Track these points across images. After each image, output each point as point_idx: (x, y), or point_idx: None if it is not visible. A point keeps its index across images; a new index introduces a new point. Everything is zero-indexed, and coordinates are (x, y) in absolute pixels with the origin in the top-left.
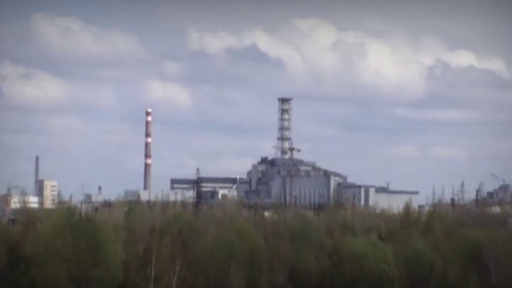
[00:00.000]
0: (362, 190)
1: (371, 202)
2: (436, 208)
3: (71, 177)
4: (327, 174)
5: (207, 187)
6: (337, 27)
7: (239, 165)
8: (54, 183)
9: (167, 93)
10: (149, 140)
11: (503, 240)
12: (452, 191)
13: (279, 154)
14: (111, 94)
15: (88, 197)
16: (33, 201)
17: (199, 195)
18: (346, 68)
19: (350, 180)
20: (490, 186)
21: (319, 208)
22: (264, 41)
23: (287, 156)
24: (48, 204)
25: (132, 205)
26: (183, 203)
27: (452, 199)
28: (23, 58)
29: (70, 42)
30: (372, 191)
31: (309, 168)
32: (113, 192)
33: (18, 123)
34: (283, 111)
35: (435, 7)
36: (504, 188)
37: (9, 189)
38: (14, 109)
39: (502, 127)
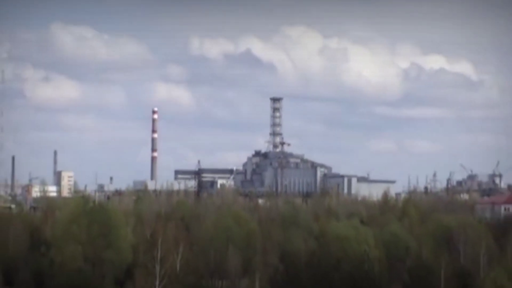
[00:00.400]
0: (345, 180)
1: (353, 190)
2: (411, 195)
3: (85, 169)
4: (314, 166)
5: (207, 177)
6: (322, 34)
7: (235, 157)
8: (71, 174)
9: (171, 93)
10: (155, 135)
11: (470, 224)
12: (425, 181)
13: (271, 148)
14: (121, 94)
15: (100, 186)
16: (52, 191)
17: (200, 184)
18: (331, 71)
19: (334, 170)
20: (459, 176)
21: (307, 196)
22: (257, 47)
23: (278, 150)
24: (65, 193)
25: (140, 193)
26: (186, 192)
27: (426, 188)
28: (43, 63)
29: (84, 49)
30: (354, 181)
31: (298, 160)
32: (123, 182)
33: (38, 121)
34: (275, 110)
35: (410, 16)
36: (471, 177)
37: (30, 180)
38: (34, 108)
39: (470, 124)
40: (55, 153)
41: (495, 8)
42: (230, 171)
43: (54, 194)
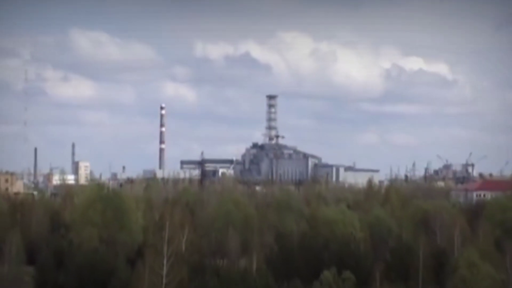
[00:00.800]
0: (334, 169)
1: (341, 178)
2: (393, 183)
3: (100, 159)
4: (305, 156)
5: (209, 167)
6: (313, 39)
7: (235, 149)
8: (87, 164)
9: (177, 91)
10: (163, 129)
11: (446, 209)
12: (405, 170)
13: (267, 140)
14: (132, 92)
15: (114, 175)
16: (70, 179)
17: (203, 173)
18: (321, 71)
19: (324, 161)
20: (436, 165)
21: (299, 183)
22: (255, 50)
23: (273, 142)
24: (82, 181)
25: (149, 181)
26: (190, 180)
27: (406, 176)
28: (62, 64)
29: (99, 51)
30: (341, 170)
31: (291, 152)
32: (134, 171)
33: (58, 116)
34: (270, 106)
35: (392, 22)
36: (447, 167)
37: (51, 169)
38: (55, 105)
39: (445, 119)
40: (73, 145)
41: (468, 13)
42: (230, 161)
43: (72, 182)
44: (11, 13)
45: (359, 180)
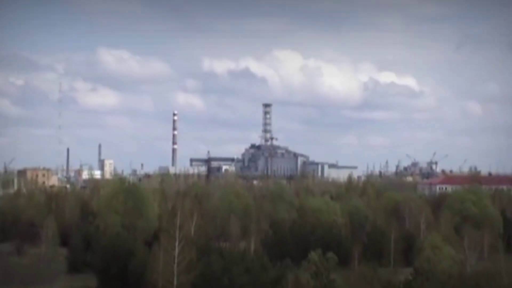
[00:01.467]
0: (319, 166)
1: (325, 174)
2: (369, 178)
3: (122, 157)
4: (295, 155)
5: (214, 164)
6: (302, 56)
7: (236, 149)
8: (111, 161)
9: (188, 100)
10: (175, 132)
11: (413, 199)
12: (379, 167)
13: (263, 142)
14: (149, 101)
15: (134, 171)
16: (97, 174)
17: (209, 169)
18: (308, 84)
19: (311, 159)
20: (405, 163)
21: (290, 178)
22: (253, 65)
23: (268, 143)
24: (107, 176)
25: (164, 176)
26: (198, 175)
27: (380, 172)
28: (91, 77)
29: (122, 66)
30: (326, 167)
31: (283, 151)
32: (151, 167)
33: (87, 121)
34: (266, 113)
35: (369, 42)
36: (414, 164)
37: (81, 166)
38: (84, 112)
39: (413, 124)
40: (99, 145)
41: (432, 35)
42: (232, 159)
43: (99, 177)
44: (48, 34)
45: (341, 175)
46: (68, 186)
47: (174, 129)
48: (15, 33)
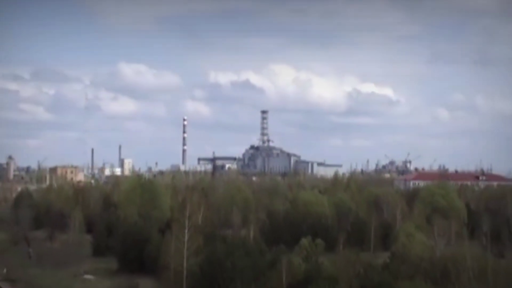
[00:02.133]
0: (310, 164)
1: (315, 171)
2: (352, 175)
3: (140, 157)
4: (289, 155)
5: (219, 162)
6: (295, 69)
7: (238, 150)
8: (130, 160)
9: (196, 108)
10: (185, 135)
11: (391, 193)
12: (361, 165)
13: (261, 143)
14: (163, 108)
15: (149, 168)
16: (117, 171)
17: (214, 167)
18: (301, 93)
19: (302, 158)
20: (384, 162)
21: (284, 175)
22: (253, 78)
23: (265, 145)
24: (126, 173)
25: (175, 173)
26: (205, 172)
27: (362, 170)
28: (113, 88)
29: (140, 78)
30: (315, 165)
31: (279, 152)
32: (164, 165)
33: (110, 126)
34: (263, 118)
35: (352, 57)
36: (391, 163)
37: (104, 164)
38: (107, 117)
39: (391, 128)
40: (120, 147)
41: (407, 51)
42: (234, 159)
43: (119, 174)
44: (77, 51)
45: (328, 172)
46: (92, 181)
47: (184, 132)
48: (49, 50)
